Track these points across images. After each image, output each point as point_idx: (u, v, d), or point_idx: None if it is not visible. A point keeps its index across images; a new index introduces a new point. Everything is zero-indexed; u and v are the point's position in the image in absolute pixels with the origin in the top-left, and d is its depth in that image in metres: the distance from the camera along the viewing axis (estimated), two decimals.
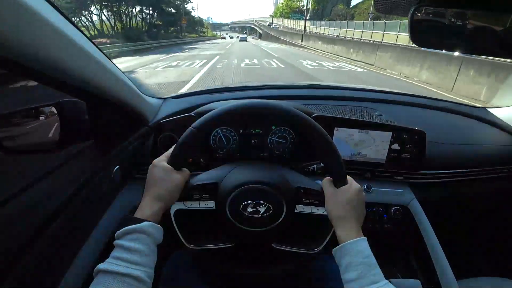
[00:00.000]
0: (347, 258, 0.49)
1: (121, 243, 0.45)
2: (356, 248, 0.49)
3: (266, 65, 10.59)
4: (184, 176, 0.56)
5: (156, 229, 0.48)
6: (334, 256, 0.52)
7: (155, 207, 0.50)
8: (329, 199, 0.55)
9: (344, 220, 0.53)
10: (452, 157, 0.95)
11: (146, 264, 0.45)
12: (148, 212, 0.49)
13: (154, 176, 0.53)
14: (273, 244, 0.62)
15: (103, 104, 0.64)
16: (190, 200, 0.59)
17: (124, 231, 0.46)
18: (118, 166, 0.73)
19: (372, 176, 0.88)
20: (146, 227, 0.46)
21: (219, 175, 0.62)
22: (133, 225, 0.46)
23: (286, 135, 0.84)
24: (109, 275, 0.41)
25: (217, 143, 0.84)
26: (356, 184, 0.57)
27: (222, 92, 1.08)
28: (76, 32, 0.48)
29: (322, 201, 0.58)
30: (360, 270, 0.47)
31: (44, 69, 0.42)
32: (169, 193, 0.53)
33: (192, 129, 0.55)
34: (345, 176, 0.56)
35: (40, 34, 0.39)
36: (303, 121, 0.56)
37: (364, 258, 0.48)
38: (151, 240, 0.47)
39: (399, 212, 0.88)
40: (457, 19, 0.59)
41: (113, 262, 0.43)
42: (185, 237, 0.59)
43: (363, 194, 0.56)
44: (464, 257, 1.12)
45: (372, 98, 1.11)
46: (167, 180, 0.53)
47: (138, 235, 0.46)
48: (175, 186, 0.53)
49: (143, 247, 0.45)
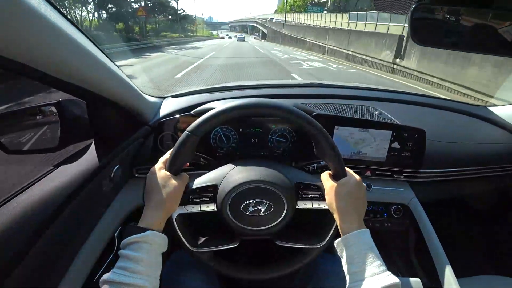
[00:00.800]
0: (349, 250, 0.49)
1: (126, 253, 0.45)
2: (358, 239, 0.49)
3: None
4: (183, 181, 0.56)
5: (159, 238, 0.49)
6: (336, 248, 0.52)
7: (158, 216, 0.51)
8: (329, 192, 0.55)
9: (346, 212, 0.52)
10: (453, 156, 0.95)
11: (151, 274, 0.46)
12: (150, 221, 0.50)
13: (153, 184, 0.53)
14: (277, 242, 0.61)
15: (103, 103, 0.64)
16: (191, 204, 0.59)
17: (128, 240, 0.46)
18: (118, 166, 0.73)
19: (372, 174, 0.88)
20: (150, 236, 0.47)
21: (217, 177, 0.62)
22: (137, 234, 0.47)
23: (286, 134, 0.84)
24: (115, 285, 0.42)
25: (217, 142, 0.84)
26: (356, 176, 0.56)
27: (221, 91, 1.07)
28: (75, 31, 0.47)
29: (323, 195, 0.58)
30: (362, 261, 0.47)
31: (44, 69, 0.42)
32: (169, 200, 0.53)
33: (188, 133, 0.54)
34: (344, 168, 0.56)
35: (40, 34, 0.39)
36: (296, 115, 0.55)
37: (367, 249, 0.48)
38: (155, 249, 0.48)
39: (399, 210, 0.88)
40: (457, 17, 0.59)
41: (118, 272, 0.44)
42: (188, 241, 0.59)
43: (363, 185, 0.56)
44: (464, 255, 1.12)
45: (372, 97, 1.11)
46: (167, 187, 0.53)
47: (141, 244, 0.46)
48: (176, 192, 0.54)
49: (147, 257, 0.46)
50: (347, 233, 0.50)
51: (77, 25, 0.49)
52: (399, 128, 0.83)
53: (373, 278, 0.45)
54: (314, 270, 0.74)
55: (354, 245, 0.49)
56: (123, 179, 0.78)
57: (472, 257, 1.26)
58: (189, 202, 0.58)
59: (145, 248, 0.46)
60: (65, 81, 0.47)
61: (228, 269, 0.64)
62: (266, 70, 10.06)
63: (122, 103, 0.68)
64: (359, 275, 0.46)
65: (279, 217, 0.58)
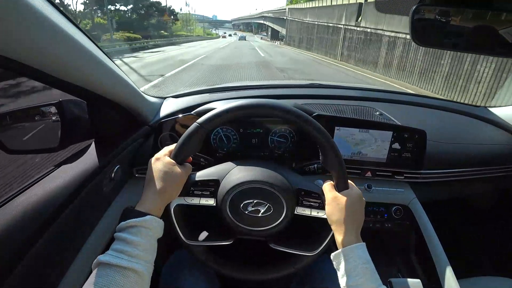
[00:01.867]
0: (346, 263, 0.49)
1: (124, 236, 0.44)
2: (355, 254, 0.49)
3: None
4: (186, 171, 0.55)
5: (158, 223, 0.48)
6: (333, 261, 0.52)
7: (157, 201, 0.50)
8: (329, 203, 0.55)
9: (344, 225, 0.52)
10: (453, 157, 0.95)
11: (147, 259, 0.45)
12: (150, 206, 0.49)
13: (156, 170, 0.52)
14: (270, 245, 0.62)
15: (104, 103, 0.64)
16: (191, 196, 0.59)
17: (126, 224, 0.45)
18: (118, 166, 0.73)
19: (372, 175, 0.88)
20: (149, 221, 0.46)
21: (220, 172, 0.62)
22: (136, 218, 0.46)
23: (286, 135, 0.84)
24: (111, 267, 0.41)
25: (217, 142, 0.84)
26: (357, 189, 0.56)
27: (222, 92, 1.08)
28: (76, 31, 0.48)
29: (322, 204, 0.58)
30: (358, 276, 0.47)
31: (45, 69, 0.42)
32: (171, 187, 0.52)
33: (197, 124, 0.54)
34: (347, 181, 0.56)
35: (41, 34, 0.39)
36: (307, 122, 0.54)
37: (363, 264, 0.48)
38: (152, 235, 0.47)
39: (399, 211, 0.88)
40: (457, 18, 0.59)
41: (115, 254, 0.42)
42: (183, 233, 0.59)
43: (363, 200, 0.56)
44: (465, 256, 1.11)
45: (372, 98, 1.11)
46: (170, 174, 0.52)
47: (140, 229, 0.45)
48: (178, 180, 0.53)
49: (145, 241, 0.45)
50: (345, 245, 0.51)
51: (78, 25, 0.49)
52: (400, 128, 0.83)
53: None
54: (312, 271, 0.74)
55: (352, 259, 0.49)
56: (123, 179, 0.78)
57: (473, 258, 1.26)
58: (189, 194, 0.58)
59: (144, 233, 0.45)
60: (66, 81, 0.47)
61: (219, 266, 0.63)
62: None
63: (123, 103, 0.68)
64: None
65: (277, 220, 0.58)
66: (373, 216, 0.87)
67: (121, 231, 0.45)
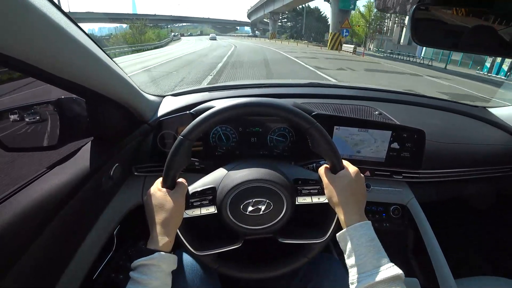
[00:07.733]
0: (351, 242, 0.48)
1: (135, 276, 0.47)
2: (359, 232, 0.49)
3: None
4: (181, 193, 0.55)
5: (168, 258, 0.50)
6: (339, 241, 0.51)
7: (165, 234, 0.51)
8: (327, 186, 0.55)
9: (346, 205, 0.52)
10: (452, 157, 0.95)
11: None
12: (159, 242, 0.50)
13: (153, 205, 0.53)
14: (279, 239, 0.61)
15: (103, 101, 0.64)
16: (191, 208, 0.59)
17: (137, 263, 0.48)
18: (117, 164, 0.73)
19: (371, 175, 0.88)
20: (157, 258, 0.48)
21: (215, 179, 0.62)
22: (145, 257, 0.48)
23: (285, 134, 0.84)
24: None
25: (216, 141, 0.84)
26: (353, 167, 0.56)
27: (220, 90, 1.07)
28: (76, 30, 0.47)
29: (321, 189, 0.58)
30: (364, 254, 0.47)
31: (44, 66, 0.42)
32: (172, 215, 0.52)
33: (181, 138, 0.53)
34: (340, 161, 0.56)
35: (41, 32, 0.39)
36: (287, 110, 0.54)
37: (368, 242, 0.48)
38: (164, 270, 0.49)
39: (398, 211, 0.88)
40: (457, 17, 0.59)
41: None
42: (192, 245, 0.59)
43: (361, 176, 0.55)
44: (462, 256, 1.12)
45: (372, 97, 1.11)
46: (168, 203, 0.52)
47: (150, 267, 0.47)
48: (177, 205, 0.53)
49: (155, 280, 0.47)
50: (349, 225, 0.50)
51: (78, 24, 0.49)
52: (399, 128, 0.83)
53: (376, 270, 0.45)
54: (313, 270, 0.74)
55: (356, 237, 0.48)
56: (122, 177, 0.78)
57: (470, 258, 1.27)
58: (189, 207, 0.58)
59: (154, 270, 0.47)
60: (65, 79, 0.47)
61: (233, 270, 0.63)
62: None
63: (122, 101, 0.68)
64: (362, 268, 0.46)
65: (280, 215, 0.58)
66: (371, 216, 0.88)
67: (133, 270, 0.48)
